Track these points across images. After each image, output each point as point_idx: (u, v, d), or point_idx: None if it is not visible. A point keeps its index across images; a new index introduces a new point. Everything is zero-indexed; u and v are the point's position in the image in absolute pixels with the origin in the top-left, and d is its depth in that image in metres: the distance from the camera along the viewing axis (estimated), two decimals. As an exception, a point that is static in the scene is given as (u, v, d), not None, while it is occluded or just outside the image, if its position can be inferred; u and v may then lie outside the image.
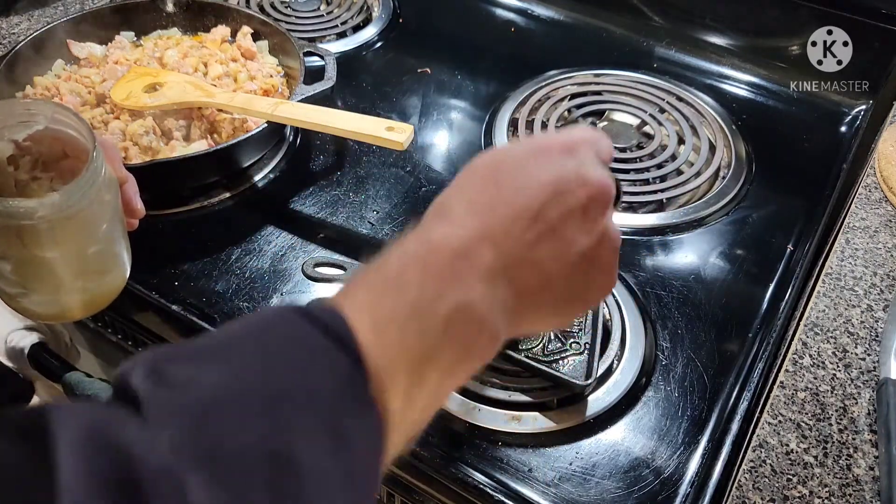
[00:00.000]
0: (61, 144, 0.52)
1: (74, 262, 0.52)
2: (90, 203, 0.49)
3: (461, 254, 0.34)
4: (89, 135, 0.49)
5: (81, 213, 0.49)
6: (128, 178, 0.57)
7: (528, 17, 1.03)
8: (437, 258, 0.33)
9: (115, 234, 0.54)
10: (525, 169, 0.37)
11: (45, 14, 1.00)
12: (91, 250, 0.52)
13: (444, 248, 0.34)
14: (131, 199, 0.57)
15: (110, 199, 0.52)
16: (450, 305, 0.32)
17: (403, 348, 0.31)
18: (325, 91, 0.76)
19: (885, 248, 0.76)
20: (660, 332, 0.63)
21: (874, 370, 0.64)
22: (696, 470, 0.54)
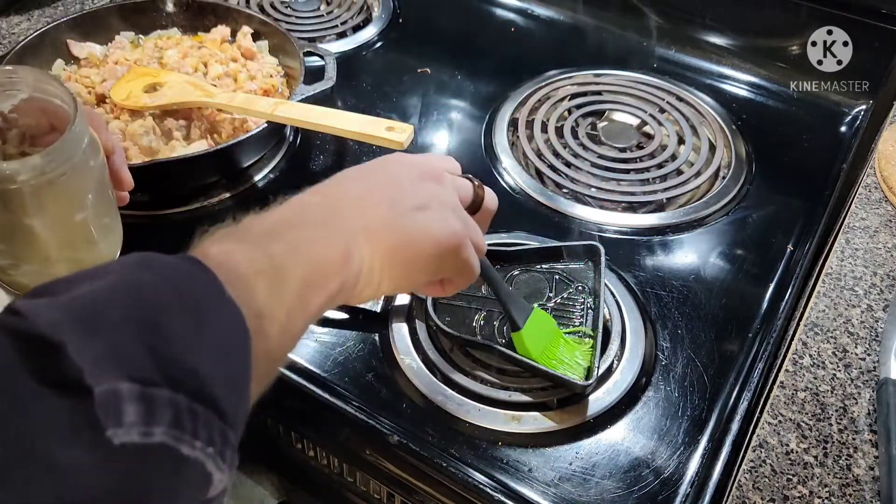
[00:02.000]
0: (48, 117, 0.52)
1: (60, 230, 0.51)
2: (74, 168, 0.48)
3: (317, 200, 0.44)
4: (71, 100, 0.49)
5: (65, 179, 0.48)
6: (115, 149, 0.56)
7: (528, 17, 1.03)
8: (281, 206, 0.43)
9: (102, 204, 0.54)
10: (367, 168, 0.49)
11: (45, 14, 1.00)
12: (77, 217, 0.51)
13: (291, 201, 0.44)
14: (119, 169, 0.57)
15: (95, 165, 0.51)
16: (287, 240, 0.39)
17: (254, 262, 0.37)
18: (325, 91, 0.76)
19: (885, 248, 0.76)
20: (660, 332, 0.63)
21: (874, 370, 0.65)
22: (696, 470, 0.54)
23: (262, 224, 0.41)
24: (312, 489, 0.69)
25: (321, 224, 0.42)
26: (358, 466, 0.60)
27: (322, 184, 0.47)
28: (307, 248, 0.40)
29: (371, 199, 0.45)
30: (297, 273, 0.38)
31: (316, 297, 0.40)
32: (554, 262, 0.64)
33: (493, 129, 0.84)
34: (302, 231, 0.41)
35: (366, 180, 0.47)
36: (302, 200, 0.44)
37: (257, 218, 0.42)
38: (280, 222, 0.41)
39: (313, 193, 0.45)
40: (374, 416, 0.56)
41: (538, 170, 0.79)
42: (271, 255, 0.38)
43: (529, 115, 0.86)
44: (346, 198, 0.45)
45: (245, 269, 0.36)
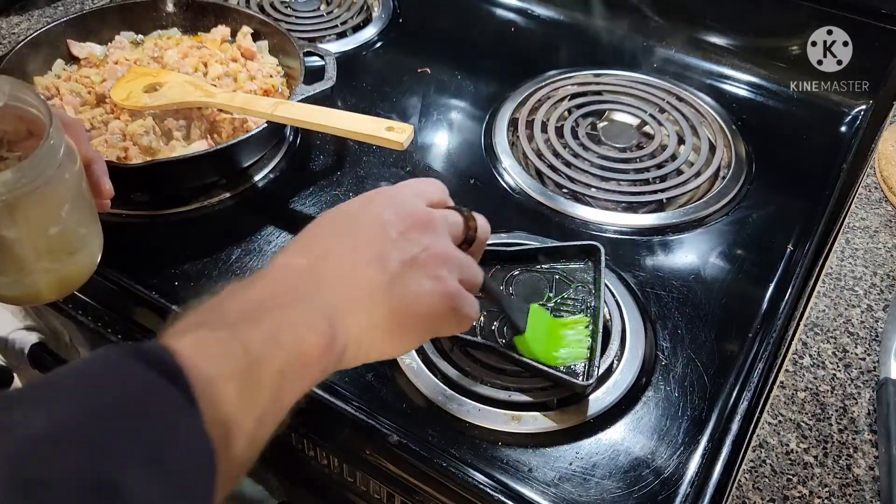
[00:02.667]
0: (25, 123, 0.51)
1: (36, 243, 0.51)
2: (48, 181, 0.48)
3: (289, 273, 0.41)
4: (46, 112, 0.48)
5: (40, 192, 0.47)
6: (95, 158, 0.55)
7: (528, 17, 1.03)
8: (264, 274, 0.41)
9: (79, 215, 0.53)
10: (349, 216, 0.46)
11: (45, 14, 1.00)
12: (53, 230, 0.51)
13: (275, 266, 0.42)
14: (99, 179, 0.55)
15: (71, 176, 0.50)
16: (276, 319, 0.37)
17: (228, 359, 0.34)
18: (325, 91, 0.76)
19: (885, 248, 0.76)
20: (660, 332, 0.63)
21: (874, 370, 0.65)
22: (696, 470, 0.54)
23: (242, 302, 0.38)
24: (313, 489, 0.69)
25: (305, 300, 0.39)
26: (358, 466, 0.60)
27: (307, 235, 0.45)
28: (288, 334, 0.37)
29: (358, 257, 0.42)
30: (274, 365, 0.36)
31: (292, 391, 0.37)
32: (554, 262, 0.64)
33: (493, 129, 0.84)
34: (284, 311, 0.38)
35: (352, 234, 0.44)
36: (287, 266, 0.42)
37: (239, 291, 0.39)
38: (261, 300, 0.39)
39: (298, 254, 0.43)
40: (375, 416, 0.56)
41: (538, 170, 0.79)
42: (247, 345, 0.35)
43: (529, 115, 0.86)
44: (332, 259, 0.42)
45: (216, 370, 0.33)
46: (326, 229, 0.45)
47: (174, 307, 0.63)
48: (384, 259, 0.42)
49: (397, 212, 0.45)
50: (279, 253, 0.44)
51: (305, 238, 0.45)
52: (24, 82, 0.51)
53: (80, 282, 0.57)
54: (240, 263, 0.67)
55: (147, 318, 0.67)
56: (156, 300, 0.64)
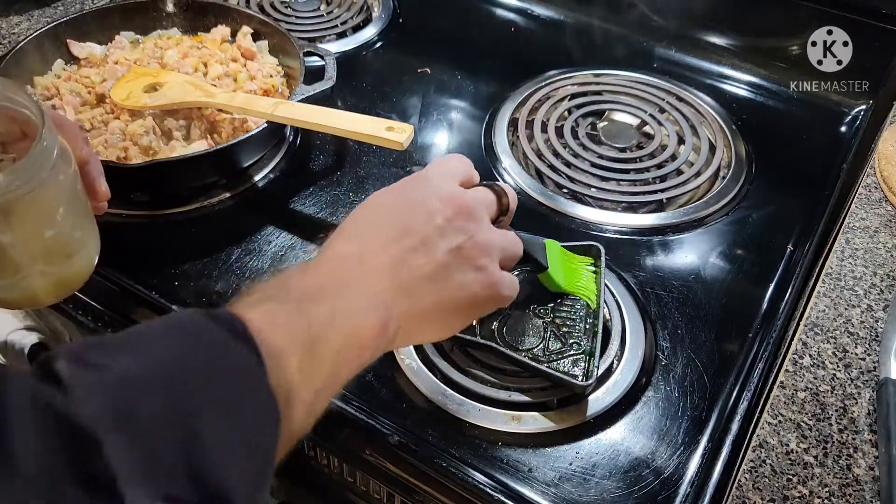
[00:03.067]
0: (18, 125, 0.51)
1: (31, 246, 0.50)
2: (42, 183, 0.47)
3: (345, 261, 0.43)
4: (38, 113, 0.48)
5: (33, 195, 0.47)
6: (91, 160, 0.55)
7: (528, 17, 1.03)
8: (322, 267, 0.42)
9: (75, 218, 0.52)
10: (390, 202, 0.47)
11: (45, 14, 1.00)
12: (48, 234, 0.50)
13: (330, 254, 0.44)
14: (94, 180, 0.55)
15: (65, 179, 0.50)
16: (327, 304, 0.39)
17: (293, 332, 0.37)
18: (325, 91, 0.76)
19: (885, 248, 0.76)
20: (660, 332, 0.63)
21: (874, 370, 0.65)
22: (696, 470, 0.54)
23: (302, 284, 0.41)
24: (313, 489, 0.69)
25: (358, 288, 0.42)
26: (358, 466, 0.60)
27: (354, 224, 0.46)
28: (345, 319, 0.40)
29: (405, 246, 0.44)
30: (332, 346, 0.39)
31: (346, 369, 0.40)
32: (554, 262, 0.64)
33: (493, 129, 0.84)
34: (340, 298, 0.41)
35: (398, 222, 0.45)
36: (338, 255, 0.44)
37: (297, 275, 0.42)
38: (320, 285, 0.41)
39: (349, 239, 0.45)
40: (374, 416, 0.56)
41: (538, 170, 0.79)
42: (310, 322, 0.38)
43: (529, 115, 0.86)
44: (380, 247, 0.44)
45: (283, 341, 0.36)
46: (372, 217, 0.46)
47: (174, 307, 0.63)
48: (431, 248, 0.44)
49: (440, 199, 0.46)
50: (328, 242, 0.45)
51: (352, 226, 0.46)
52: (16, 83, 0.50)
53: (77, 284, 0.56)
54: (240, 263, 0.67)
55: (147, 318, 0.67)
56: (156, 300, 0.64)
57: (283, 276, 0.41)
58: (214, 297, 0.64)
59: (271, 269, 0.67)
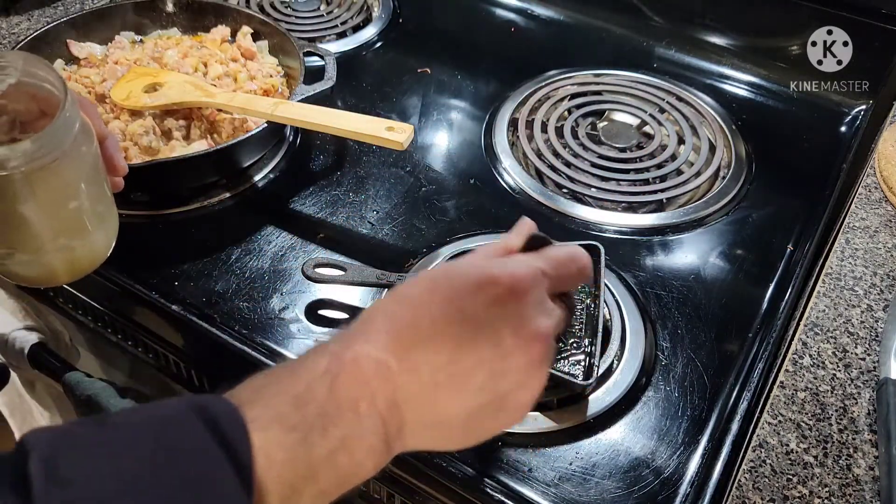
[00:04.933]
0: (37, 102, 0.51)
1: (54, 218, 0.51)
2: (65, 154, 0.48)
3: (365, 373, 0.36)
4: (61, 85, 0.48)
5: (57, 165, 0.47)
6: (108, 135, 0.56)
7: (528, 17, 1.03)
8: (344, 379, 0.35)
9: (96, 192, 0.53)
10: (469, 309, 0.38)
11: (45, 14, 1.00)
12: (71, 205, 0.51)
13: (354, 366, 0.36)
14: (113, 155, 0.56)
15: (87, 151, 0.50)
16: (336, 438, 0.35)
17: (288, 466, 0.33)
18: (325, 91, 0.76)
19: (885, 248, 0.76)
20: (660, 332, 0.63)
21: (874, 370, 0.65)
22: (696, 470, 0.54)
23: (322, 402, 0.35)
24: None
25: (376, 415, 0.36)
26: (358, 466, 0.60)
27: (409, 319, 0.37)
28: (347, 456, 0.35)
29: (453, 378, 0.37)
30: (328, 480, 0.35)
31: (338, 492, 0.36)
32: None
33: (493, 129, 0.84)
34: (351, 426, 0.35)
35: (459, 341, 0.37)
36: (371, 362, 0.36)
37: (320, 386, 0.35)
38: (338, 404, 0.35)
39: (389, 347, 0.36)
40: (374, 416, 0.56)
41: (538, 170, 0.79)
42: (310, 458, 0.34)
43: (529, 115, 0.86)
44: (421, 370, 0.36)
45: (275, 479, 0.33)
46: (429, 319, 0.37)
47: (174, 307, 0.63)
48: (485, 390, 0.37)
49: (516, 330, 0.38)
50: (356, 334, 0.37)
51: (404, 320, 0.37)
52: (37, 56, 0.50)
53: (95, 263, 0.56)
54: (240, 263, 0.67)
55: (147, 318, 0.67)
56: (156, 300, 0.64)
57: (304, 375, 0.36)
58: (214, 297, 0.64)
59: (271, 269, 0.67)
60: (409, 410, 0.36)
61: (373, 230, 0.71)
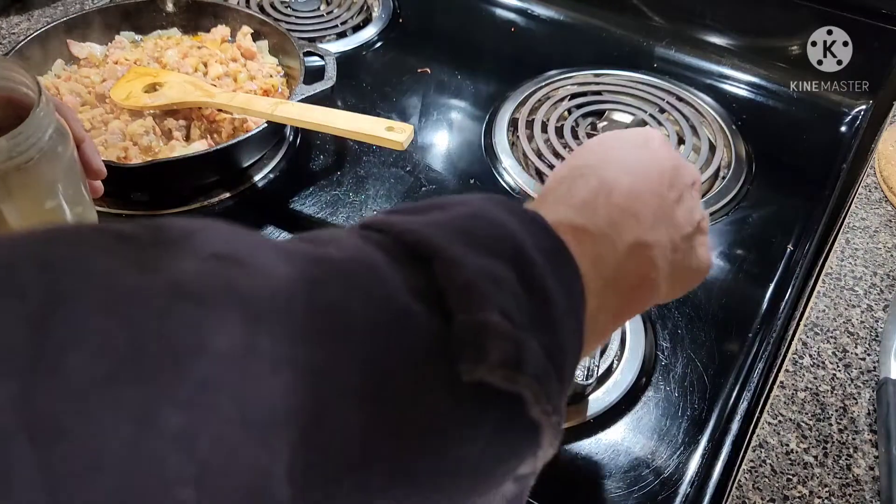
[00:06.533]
0: (13, 107, 0.52)
1: (31, 218, 0.51)
2: (40, 152, 0.48)
3: (635, 196, 0.35)
4: (35, 86, 0.49)
5: (33, 164, 0.48)
6: (86, 139, 0.56)
7: (528, 17, 1.03)
8: (616, 196, 0.34)
9: (73, 193, 0.53)
10: (640, 145, 0.39)
11: (45, 14, 1.00)
12: (48, 205, 0.51)
13: (620, 187, 0.35)
14: (91, 158, 0.56)
15: (63, 152, 0.51)
16: (632, 238, 0.33)
17: (595, 262, 0.32)
18: (325, 91, 0.76)
19: (885, 248, 0.76)
20: (660, 332, 0.63)
21: (874, 370, 0.64)
22: (696, 470, 0.54)
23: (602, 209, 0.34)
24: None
25: (653, 227, 0.35)
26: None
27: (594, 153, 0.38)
28: (640, 255, 0.34)
29: (671, 196, 0.37)
30: (627, 283, 0.33)
31: (627, 315, 0.35)
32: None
33: (493, 129, 0.84)
34: (638, 230, 0.34)
35: (650, 163, 0.38)
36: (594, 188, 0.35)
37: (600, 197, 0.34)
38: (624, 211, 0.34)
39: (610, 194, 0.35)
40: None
41: (538, 170, 0.79)
42: (615, 251, 0.33)
43: (529, 115, 0.86)
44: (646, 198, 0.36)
45: (588, 267, 0.31)
46: (630, 155, 0.38)
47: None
48: (689, 212, 0.38)
49: (678, 160, 0.40)
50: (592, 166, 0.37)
51: (610, 156, 0.38)
52: (11, 59, 0.51)
53: None
54: (240, 263, 0.67)
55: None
56: (156, 300, 0.64)
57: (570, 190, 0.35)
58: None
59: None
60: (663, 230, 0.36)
61: (373, 230, 0.71)
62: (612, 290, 0.32)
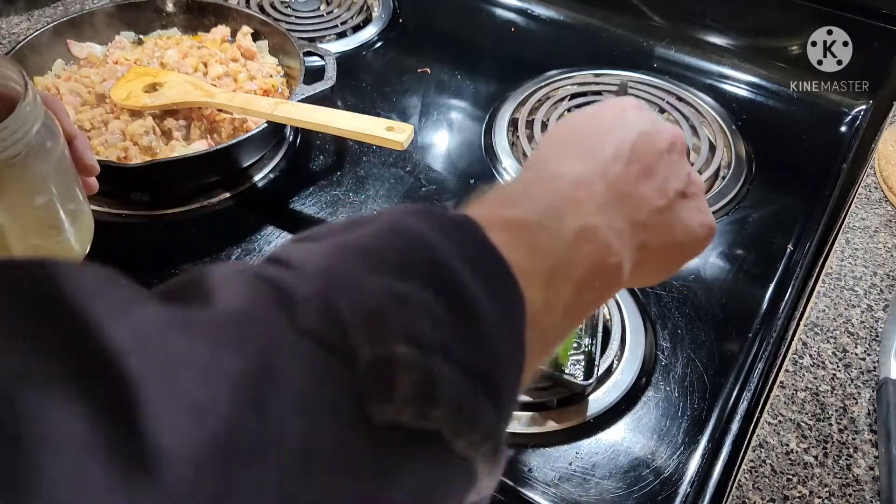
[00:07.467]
0: (4, 104, 0.51)
1: (21, 215, 0.50)
2: (28, 148, 0.48)
3: (578, 183, 0.34)
4: (22, 80, 0.48)
5: (21, 160, 0.47)
6: (78, 135, 0.56)
7: (528, 17, 1.03)
8: (558, 184, 0.33)
9: (65, 190, 0.53)
10: (607, 120, 0.38)
11: (45, 14, 1.00)
12: (38, 202, 0.50)
13: (562, 177, 0.34)
14: (82, 154, 0.55)
15: (53, 147, 0.50)
16: (576, 223, 0.32)
17: (535, 252, 0.30)
18: (325, 91, 0.76)
19: (885, 248, 0.76)
20: (660, 332, 0.63)
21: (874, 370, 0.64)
22: (696, 470, 0.54)
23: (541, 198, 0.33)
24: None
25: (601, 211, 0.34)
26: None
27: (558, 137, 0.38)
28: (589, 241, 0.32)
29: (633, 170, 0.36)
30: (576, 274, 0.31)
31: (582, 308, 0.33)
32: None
33: (493, 129, 0.84)
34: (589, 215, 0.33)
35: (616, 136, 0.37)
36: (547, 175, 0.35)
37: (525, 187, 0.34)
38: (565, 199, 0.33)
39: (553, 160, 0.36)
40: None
41: (538, 170, 0.79)
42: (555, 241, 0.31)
43: (529, 115, 0.86)
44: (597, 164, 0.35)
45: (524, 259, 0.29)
46: (579, 135, 0.37)
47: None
48: (659, 179, 0.37)
49: (655, 124, 0.39)
50: (529, 163, 0.37)
51: (554, 144, 0.37)
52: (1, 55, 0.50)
53: None
54: (240, 263, 0.67)
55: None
56: (156, 300, 0.64)
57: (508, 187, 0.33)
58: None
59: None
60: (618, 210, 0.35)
61: (373, 230, 0.71)
62: (560, 280, 0.30)
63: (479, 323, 0.25)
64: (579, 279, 0.31)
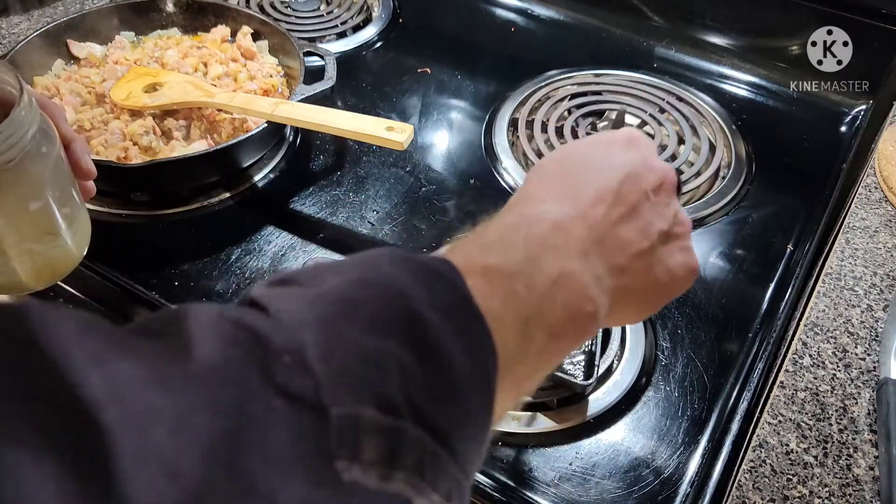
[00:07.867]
0: (2, 108, 0.50)
1: (17, 220, 0.50)
2: (25, 154, 0.47)
3: (558, 227, 0.34)
4: (17, 84, 0.48)
5: (16, 165, 0.47)
6: (75, 139, 0.55)
7: (528, 17, 1.03)
8: (538, 228, 0.34)
9: (61, 194, 0.52)
10: (595, 158, 0.38)
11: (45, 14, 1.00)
12: (34, 206, 0.50)
13: (542, 220, 0.34)
14: (80, 158, 0.55)
15: (49, 151, 0.50)
16: (554, 270, 0.32)
17: (511, 300, 0.30)
18: (325, 91, 0.76)
19: (885, 248, 0.76)
20: (660, 332, 0.63)
21: (874, 370, 0.64)
22: (696, 470, 0.54)
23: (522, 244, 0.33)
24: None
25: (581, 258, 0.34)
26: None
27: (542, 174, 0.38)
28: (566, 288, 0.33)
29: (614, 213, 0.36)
30: (548, 320, 0.32)
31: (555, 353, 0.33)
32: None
33: (493, 129, 0.84)
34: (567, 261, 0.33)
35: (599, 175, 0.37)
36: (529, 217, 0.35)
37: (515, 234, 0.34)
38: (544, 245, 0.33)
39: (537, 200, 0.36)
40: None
41: (538, 170, 0.79)
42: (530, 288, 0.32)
43: (529, 115, 0.86)
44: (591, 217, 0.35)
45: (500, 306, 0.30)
46: (562, 173, 0.38)
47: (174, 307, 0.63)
48: (646, 225, 0.37)
49: (644, 162, 0.39)
50: (512, 203, 0.37)
51: (537, 183, 0.38)
52: None
53: (66, 269, 0.55)
54: (240, 263, 0.67)
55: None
56: (156, 300, 0.64)
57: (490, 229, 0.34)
58: (214, 298, 0.64)
59: (271, 269, 0.67)
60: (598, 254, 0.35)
61: (373, 230, 0.71)
62: (535, 328, 0.31)
63: (453, 374, 0.26)
64: (554, 326, 0.32)
